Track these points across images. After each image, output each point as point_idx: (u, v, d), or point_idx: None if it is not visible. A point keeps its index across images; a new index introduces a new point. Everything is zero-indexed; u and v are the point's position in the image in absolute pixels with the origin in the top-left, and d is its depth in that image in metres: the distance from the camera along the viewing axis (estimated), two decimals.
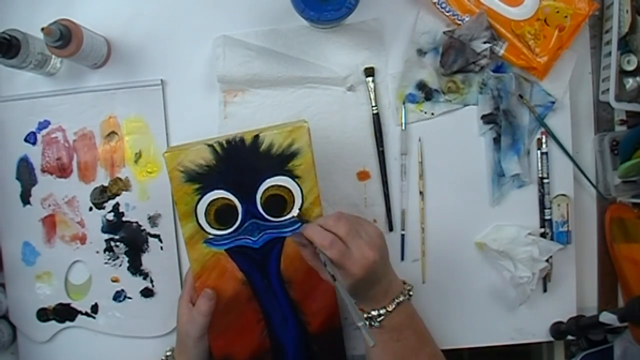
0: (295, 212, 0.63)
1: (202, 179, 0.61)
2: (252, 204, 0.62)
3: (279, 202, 0.62)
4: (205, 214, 0.62)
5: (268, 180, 0.62)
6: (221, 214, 0.62)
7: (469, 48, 0.70)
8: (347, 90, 0.73)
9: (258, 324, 0.67)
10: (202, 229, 0.62)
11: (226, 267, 0.64)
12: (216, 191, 0.61)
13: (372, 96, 0.73)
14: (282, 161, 0.61)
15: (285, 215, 0.63)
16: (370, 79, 0.72)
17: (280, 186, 0.62)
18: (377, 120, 0.73)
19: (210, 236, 0.63)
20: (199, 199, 0.61)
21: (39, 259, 0.74)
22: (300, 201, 0.63)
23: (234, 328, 0.66)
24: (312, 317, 0.67)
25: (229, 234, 0.63)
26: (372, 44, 0.73)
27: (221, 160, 0.61)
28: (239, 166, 0.61)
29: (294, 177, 0.62)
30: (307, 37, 0.73)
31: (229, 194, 0.62)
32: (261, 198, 0.62)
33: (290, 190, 0.62)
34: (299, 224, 0.63)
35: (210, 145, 0.60)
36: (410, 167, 0.74)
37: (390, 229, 0.74)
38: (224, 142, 0.60)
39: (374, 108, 0.73)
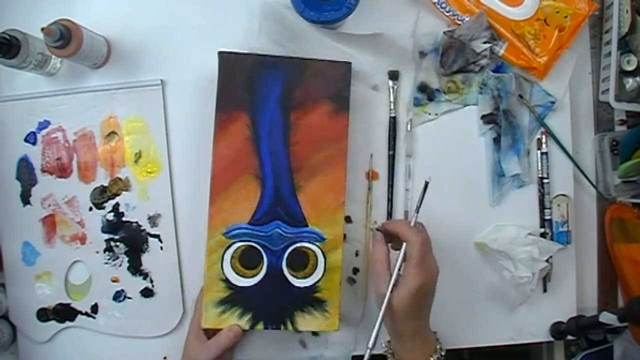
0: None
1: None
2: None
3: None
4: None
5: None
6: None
7: (469, 48, 0.70)
8: (371, 89, 0.73)
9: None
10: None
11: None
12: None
13: (392, 99, 0.73)
14: None
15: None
16: (394, 82, 0.73)
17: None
18: (393, 123, 0.73)
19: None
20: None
21: (39, 259, 0.73)
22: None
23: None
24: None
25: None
26: (402, 58, 0.73)
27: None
28: None
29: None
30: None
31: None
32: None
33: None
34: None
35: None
36: (415, 168, 0.74)
37: None
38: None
39: (391, 111, 0.73)
